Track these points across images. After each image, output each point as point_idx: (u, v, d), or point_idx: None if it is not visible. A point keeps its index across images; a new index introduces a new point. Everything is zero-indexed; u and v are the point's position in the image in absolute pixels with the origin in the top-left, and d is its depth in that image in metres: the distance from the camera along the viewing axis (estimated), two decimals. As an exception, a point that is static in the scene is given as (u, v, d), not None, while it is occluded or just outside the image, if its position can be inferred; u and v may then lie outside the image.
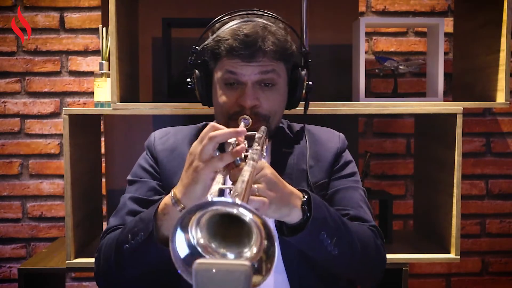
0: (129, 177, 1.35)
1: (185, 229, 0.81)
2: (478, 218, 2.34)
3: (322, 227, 1.08)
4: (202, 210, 0.80)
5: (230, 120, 1.23)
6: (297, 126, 1.43)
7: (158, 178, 1.32)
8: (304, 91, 1.33)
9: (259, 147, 1.05)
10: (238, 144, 1.01)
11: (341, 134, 1.41)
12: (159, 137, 1.38)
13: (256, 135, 1.12)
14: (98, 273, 1.23)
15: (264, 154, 1.12)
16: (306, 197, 1.09)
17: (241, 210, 0.78)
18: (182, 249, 0.82)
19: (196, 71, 1.30)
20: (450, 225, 1.76)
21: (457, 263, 1.88)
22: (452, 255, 1.76)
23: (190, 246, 0.82)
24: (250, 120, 1.20)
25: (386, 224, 1.94)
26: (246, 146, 1.04)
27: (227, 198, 0.78)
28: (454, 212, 1.74)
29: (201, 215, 0.81)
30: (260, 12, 1.28)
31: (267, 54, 1.21)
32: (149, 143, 1.38)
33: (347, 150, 1.40)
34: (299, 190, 1.10)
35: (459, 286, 2.35)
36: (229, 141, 1.01)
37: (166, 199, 1.08)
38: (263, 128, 1.20)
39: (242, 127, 1.17)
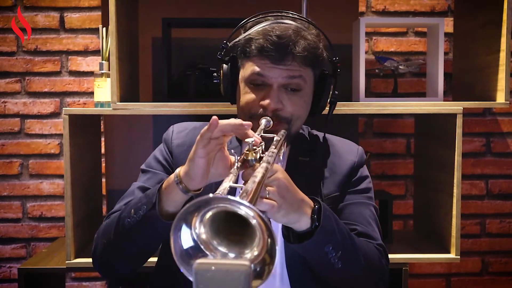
0: (142, 166, 1.36)
1: (188, 223, 0.81)
2: (478, 218, 2.34)
3: (329, 239, 1.07)
4: (204, 206, 0.80)
5: (251, 119, 1.21)
6: (317, 135, 1.41)
7: (171, 172, 1.31)
8: (329, 100, 1.32)
9: (275, 150, 1.04)
10: (255, 145, 1.01)
11: (360, 147, 1.39)
12: (177, 131, 1.38)
13: (275, 138, 1.11)
14: (95, 253, 1.23)
15: (281, 158, 1.11)
16: (317, 206, 1.08)
17: (244, 209, 0.77)
18: (183, 242, 0.82)
19: (224, 66, 1.29)
20: (450, 225, 1.76)
21: (457, 263, 1.88)
22: (452, 255, 1.76)
23: (192, 239, 0.82)
24: (271, 121, 1.19)
25: (386, 224, 1.94)
26: (263, 147, 1.03)
27: (229, 196, 0.78)
28: (454, 212, 1.74)
29: (205, 210, 0.81)
30: (296, 16, 1.27)
31: (297, 59, 1.20)
32: (166, 136, 1.38)
33: (364, 166, 1.38)
34: (310, 198, 1.09)
35: (459, 286, 2.35)
36: (246, 140, 1.00)
37: (171, 176, 1.09)
38: (282, 131, 1.19)
39: (262, 126, 1.17)
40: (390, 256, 1.75)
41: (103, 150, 2.16)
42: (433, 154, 1.95)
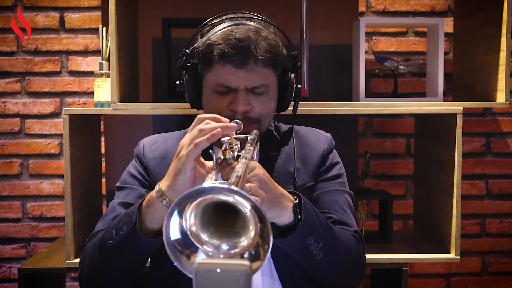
0: (118, 184, 1.35)
1: (180, 215, 0.83)
2: (478, 218, 2.34)
3: (310, 231, 1.09)
4: (195, 197, 0.81)
5: None
6: (284, 127, 1.42)
7: (148, 186, 1.32)
8: (293, 94, 1.33)
9: (251, 147, 1.05)
10: (231, 143, 1.01)
11: (328, 134, 1.41)
12: (149, 145, 1.37)
13: (249, 137, 1.13)
14: (81, 275, 1.22)
15: (255, 157, 1.12)
16: (297, 199, 1.09)
17: (235, 197, 0.79)
18: (174, 235, 0.83)
19: (186, 74, 1.29)
20: (450, 225, 1.76)
21: (457, 263, 1.88)
22: (452, 255, 1.76)
23: (183, 233, 0.84)
24: (242, 124, 1.20)
25: (386, 224, 1.94)
26: (239, 147, 1.04)
27: (223, 185, 0.79)
28: (454, 212, 1.74)
29: (196, 203, 0.82)
30: (250, 15, 1.27)
31: (259, 61, 1.20)
32: (138, 152, 1.37)
33: (334, 151, 1.39)
34: (290, 192, 1.10)
35: (459, 286, 2.35)
36: (222, 140, 1.02)
37: (152, 193, 1.09)
38: (255, 131, 1.20)
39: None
40: (390, 256, 1.77)
41: (103, 150, 2.16)
42: (433, 154, 1.95)
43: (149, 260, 1.32)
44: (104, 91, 1.78)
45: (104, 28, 1.79)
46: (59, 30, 2.26)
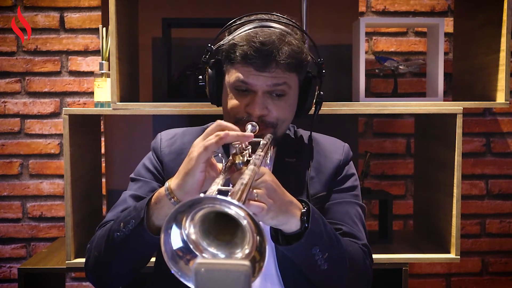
0: (132, 175, 1.35)
1: (178, 223, 0.82)
2: (478, 218, 2.34)
3: (316, 241, 1.08)
4: (194, 206, 0.81)
5: (237, 124, 1.21)
6: (303, 133, 1.41)
7: (161, 180, 1.32)
8: (314, 101, 1.32)
9: (262, 153, 1.04)
10: (242, 148, 1.01)
11: (346, 144, 1.39)
12: (166, 139, 1.37)
13: (261, 142, 1.12)
14: (88, 264, 1.23)
15: (268, 162, 1.11)
16: (305, 208, 1.09)
17: (234, 208, 0.78)
18: (173, 242, 0.83)
19: (209, 70, 1.29)
20: (450, 225, 1.76)
21: (457, 263, 1.88)
22: (452, 255, 1.76)
23: (182, 240, 0.83)
24: (257, 126, 1.19)
25: (386, 224, 1.94)
26: (250, 151, 1.04)
27: (219, 196, 0.79)
28: (454, 212, 1.74)
29: (195, 211, 0.82)
30: (280, 18, 1.26)
31: (281, 66, 1.19)
32: (155, 145, 1.37)
33: (351, 163, 1.37)
34: (298, 200, 1.10)
35: (459, 286, 2.35)
36: (233, 144, 1.01)
37: (161, 190, 1.09)
38: (268, 135, 1.19)
39: (248, 131, 1.17)
40: (390, 256, 1.77)
41: (103, 150, 2.16)
42: (433, 154, 1.95)
43: (152, 260, 1.33)
44: (104, 91, 1.78)
45: (104, 28, 1.79)
46: (59, 30, 2.26)
